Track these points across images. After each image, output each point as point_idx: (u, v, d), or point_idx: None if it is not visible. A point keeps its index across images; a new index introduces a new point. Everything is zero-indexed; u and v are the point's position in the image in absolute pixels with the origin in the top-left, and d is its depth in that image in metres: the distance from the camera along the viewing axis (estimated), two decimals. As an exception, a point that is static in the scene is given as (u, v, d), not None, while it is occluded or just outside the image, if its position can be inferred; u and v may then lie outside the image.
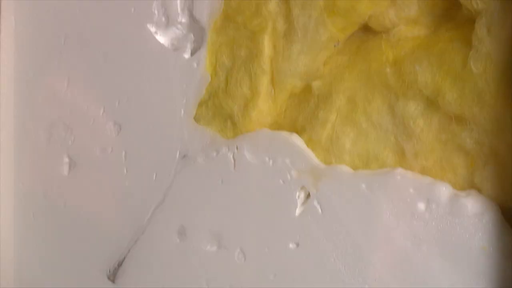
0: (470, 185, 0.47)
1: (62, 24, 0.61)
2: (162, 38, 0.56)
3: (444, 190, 0.46)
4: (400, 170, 0.48)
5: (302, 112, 0.53)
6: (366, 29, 0.52)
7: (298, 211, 0.51)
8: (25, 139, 0.65)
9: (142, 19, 0.57)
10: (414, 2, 0.49)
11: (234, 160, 0.54)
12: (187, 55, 0.55)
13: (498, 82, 0.45)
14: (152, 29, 0.56)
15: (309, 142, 0.52)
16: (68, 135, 0.62)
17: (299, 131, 0.53)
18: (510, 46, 0.44)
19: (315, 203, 0.50)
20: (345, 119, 0.51)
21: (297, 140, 0.52)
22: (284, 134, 0.52)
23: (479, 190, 0.46)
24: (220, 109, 0.55)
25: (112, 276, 0.60)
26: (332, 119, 0.52)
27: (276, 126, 0.54)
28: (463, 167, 0.47)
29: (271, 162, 0.52)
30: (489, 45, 0.45)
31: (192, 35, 0.56)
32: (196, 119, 0.56)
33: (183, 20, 0.56)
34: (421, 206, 0.46)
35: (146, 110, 0.57)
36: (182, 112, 0.55)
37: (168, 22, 0.56)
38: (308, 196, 0.51)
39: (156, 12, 0.56)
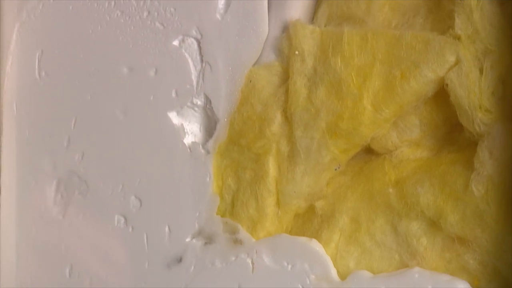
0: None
1: (71, 107, 0.61)
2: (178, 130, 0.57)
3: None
4: (417, 269, 0.48)
5: (307, 232, 0.54)
6: (369, 151, 0.53)
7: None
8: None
9: (161, 107, 0.57)
10: (417, 125, 0.51)
11: (253, 264, 0.53)
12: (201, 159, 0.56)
13: (499, 204, 0.45)
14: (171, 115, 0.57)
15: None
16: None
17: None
18: None
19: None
20: (348, 239, 0.52)
21: (316, 246, 0.52)
22: (304, 239, 0.52)
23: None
24: (229, 228, 0.56)
25: None
26: (336, 238, 0.52)
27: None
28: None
29: (289, 266, 0.52)
30: (491, 168, 0.46)
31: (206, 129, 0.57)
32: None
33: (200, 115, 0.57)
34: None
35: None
36: (197, 226, 0.56)
37: (185, 114, 0.57)
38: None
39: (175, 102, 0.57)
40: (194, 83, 0.56)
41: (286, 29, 0.54)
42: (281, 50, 0.54)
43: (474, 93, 0.46)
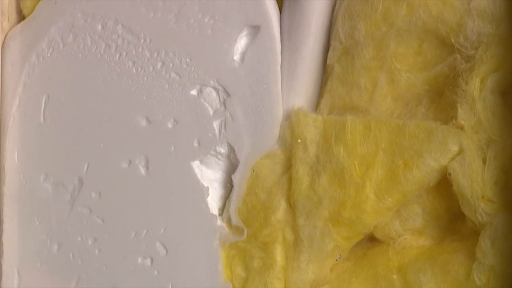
0: None
1: (82, 153, 0.61)
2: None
3: None
4: None
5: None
6: (372, 238, 0.53)
7: None
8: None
9: (184, 156, 0.57)
10: (419, 214, 0.51)
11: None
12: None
13: (501, 294, 0.46)
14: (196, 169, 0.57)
15: None
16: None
17: None
18: (514, 259, 0.45)
19: None
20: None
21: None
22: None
23: None
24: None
25: None
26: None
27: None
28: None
29: None
30: (493, 258, 0.46)
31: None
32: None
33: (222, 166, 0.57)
34: None
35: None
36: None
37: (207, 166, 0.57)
38: None
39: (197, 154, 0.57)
40: (216, 131, 0.56)
41: (288, 117, 0.54)
42: (283, 138, 0.54)
43: (477, 182, 0.47)
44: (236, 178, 0.56)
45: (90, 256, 0.60)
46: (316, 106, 0.55)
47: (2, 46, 0.64)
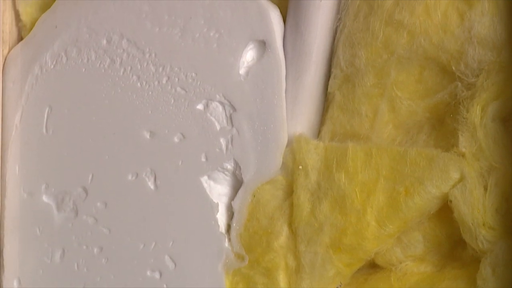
0: None
1: (85, 164, 0.60)
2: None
3: None
4: None
5: None
6: (373, 265, 0.53)
7: None
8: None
9: (191, 171, 0.57)
10: (420, 241, 0.51)
11: None
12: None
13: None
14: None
15: None
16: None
17: None
18: (515, 287, 0.45)
19: None
20: None
21: None
22: None
23: None
24: None
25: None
26: None
27: None
28: None
29: None
30: (494, 286, 0.46)
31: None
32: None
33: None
34: None
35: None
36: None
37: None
38: None
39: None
40: (223, 147, 0.56)
41: (290, 143, 0.54)
42: (285, 164, 0.54)
43: (478, 210, 0.47)
44: (236, 204, 0.56)
45: (96, 265, 0.60)
46: (318, 133, 0.56)
47: (3, 65, 0.64)
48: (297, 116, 0.55)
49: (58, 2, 0.62)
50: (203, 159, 0.56)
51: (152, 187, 0.58)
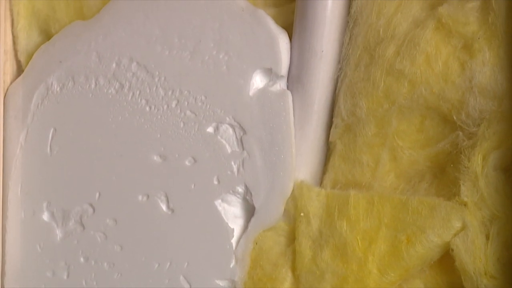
0: None
1: (92, 183, 0.61)
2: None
3: None
4: None
5: None
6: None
7: None
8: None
9: (204, 195, 0.57)
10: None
11: None
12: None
13: None
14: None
15: None
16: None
17: None
18: None
19: None
20: None
21: None
22: None
23: None
24: None
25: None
26: None
27: None
28: None
29: None
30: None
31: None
32: None
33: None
34: None
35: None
36: None
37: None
38: None
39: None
40: (235, 169, 0.56)
41: (292, 190, 0.55)
42: (287, 211, 0.55)
43: (479, 259, 0.47)
44: (238, 252, 0.56)
45: (108, 280, 0.60)
46: (320, 182, 0.56)
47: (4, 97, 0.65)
48: (300, 167, 0.55)
49: (60, 34, 0.63)
50: (215, 182, 0.56)
51: (165, 209, 0.58)
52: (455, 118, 0.49)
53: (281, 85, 0.56)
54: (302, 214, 0.53)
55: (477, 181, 0.47)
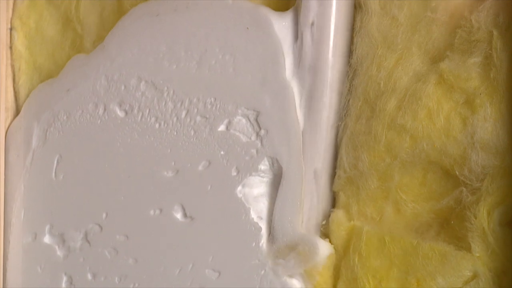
0: None
1: (98, 203, 0.62)
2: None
3: None
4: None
5: None
6: None
7: None
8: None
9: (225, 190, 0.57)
10: None
11: None
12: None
13: None
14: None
15: None
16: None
17: None
18: None
19: None
20: None
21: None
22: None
23: None
24: None
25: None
26: None
27: None
28: None
29: None
30: None
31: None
32: None
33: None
34: None
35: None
36: None
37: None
38: None
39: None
40: (254, 151, 0.56)
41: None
42: None
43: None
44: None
45: None
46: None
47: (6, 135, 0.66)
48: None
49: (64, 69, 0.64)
50: (234, 173, 0.57)
51: (181, 218, 0.59)
52: (457, 173, 0.50)
53: (285, 78, 0.55)
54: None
55: (486, 237, 0.48)
